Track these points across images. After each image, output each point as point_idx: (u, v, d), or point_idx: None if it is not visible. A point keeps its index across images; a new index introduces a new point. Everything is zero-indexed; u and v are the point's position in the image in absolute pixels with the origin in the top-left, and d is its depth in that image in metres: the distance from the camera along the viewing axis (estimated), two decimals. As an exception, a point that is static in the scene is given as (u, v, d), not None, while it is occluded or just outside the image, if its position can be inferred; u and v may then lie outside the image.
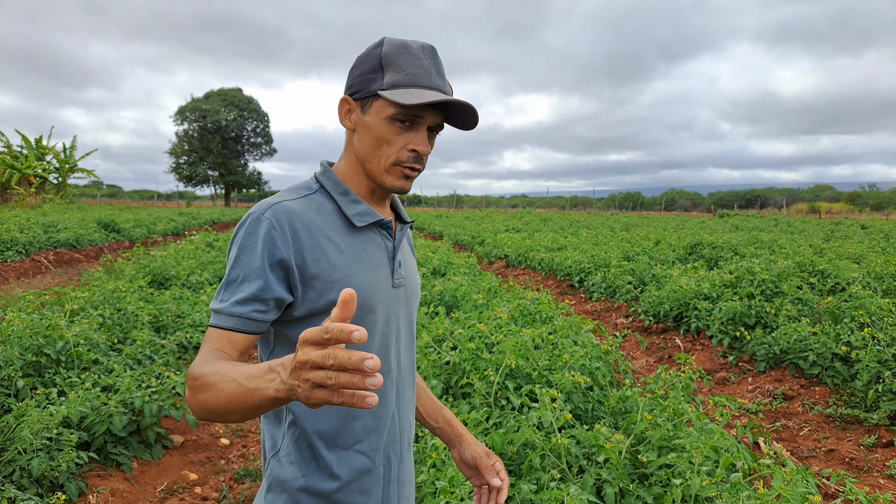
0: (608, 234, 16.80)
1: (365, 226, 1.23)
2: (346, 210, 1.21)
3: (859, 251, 10.56)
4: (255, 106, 57.68)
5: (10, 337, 4.00)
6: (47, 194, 28.48)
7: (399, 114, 1.15)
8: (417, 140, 1.17)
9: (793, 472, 2.25)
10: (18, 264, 11.45)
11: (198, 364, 1.03)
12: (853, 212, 48.03)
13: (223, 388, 0.94)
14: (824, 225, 25.16)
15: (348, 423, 1.19)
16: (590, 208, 61.78)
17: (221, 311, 1.10)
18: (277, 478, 1.20)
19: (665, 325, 6.90)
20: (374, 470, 1.23)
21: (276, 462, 1.20)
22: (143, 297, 6.18)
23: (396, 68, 1.15)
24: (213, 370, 0.99)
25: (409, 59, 1.16)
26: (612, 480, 2.50)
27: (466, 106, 1.16)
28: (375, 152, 1.19)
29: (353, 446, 1.20)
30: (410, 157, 1.18)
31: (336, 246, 1.17)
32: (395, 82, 1.15)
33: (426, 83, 1.15)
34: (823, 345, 4.99)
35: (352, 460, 1.20)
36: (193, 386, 1.00)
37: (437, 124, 1.20)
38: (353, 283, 1.16)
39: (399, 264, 1.28)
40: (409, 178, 1.21)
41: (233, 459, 3.93)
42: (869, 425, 4.18)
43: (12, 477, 2.97)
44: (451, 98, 1.13)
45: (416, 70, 1.15)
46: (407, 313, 1.31)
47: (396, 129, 1.16)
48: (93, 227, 16.39)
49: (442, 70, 1.19)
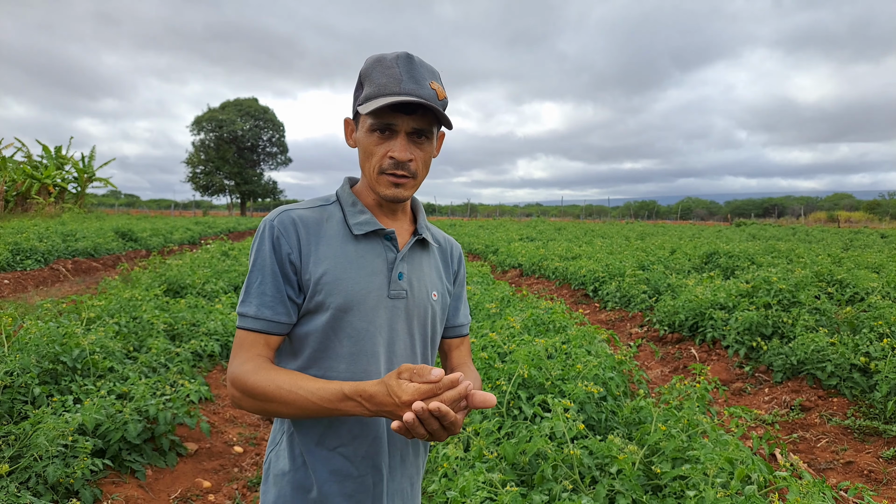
0: (623, 243, 16.71)
1: (366, 235, 1.28)
2: (350, 220, 1.29)
3: (878, 260, 10.40)
4: (270, 116, 58.22)
5: (27, 345, 4.05)
6: (66, 204, 28.87)
7: (373, 124, 1.21)
8: (395, 147, 1.22)
9: (809, 485, 2.22)
10: (38, 273, 11.61)
11: (249, 372, 1.15)
12: (872, 220, 47.38)
13: (294, 402, 1.11)
14: (843, 234, 24.85)
15: (334, 425, 1.25)
16: (604, 217, 61.52)
17: (247, 315, 1.21)
18: (272, 470, 1.29)
19: (680, 335, 6.84)
20: (357, 477, 1.26)
21: (274, 455, 1.30)
22: (158, 306, 6.23)
23: (369, 82, 1.22)
24: (274, 384, 1.12)
25: (380, 71, 1.21)
26: (625, 492, 2.47)
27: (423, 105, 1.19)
28: (366, 164, 1.26)
29: (335, 448, 1.25)
30: (391, 165, 1.23)
31: (333, 251, 1.24)
32: (367, 95, 1.22)
33: (393, 90, 1.19)
34: (841, 355, 4.92)
35: (332, 462, 1.25)
36: (253, 395, 1.14)
37: (420, 128, 1.23)
38: (343, 287, 1.22)
39: (400, 276, 1.29)
40: (399, 186, 1.25)
41: (246, 467, 3.94)
42: (888, 437, 4.10)
43: (28, 483, 3.00)
44: (402, 99, 1.16)
45: (384, 80, 1.20)
46: (407, 327, 1.32)
47: (376, 139, 1.23)
48: (110, 236, 16.58)
49: (418, 74, 1.21)
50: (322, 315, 1.22)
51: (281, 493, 1.25)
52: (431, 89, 1.22)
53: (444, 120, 1.25)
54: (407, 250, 1.32)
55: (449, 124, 1.26)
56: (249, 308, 1.20)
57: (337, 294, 1.21)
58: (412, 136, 1.23)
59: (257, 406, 1.15)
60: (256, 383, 1.13)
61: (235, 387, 1.16)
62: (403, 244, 1.33)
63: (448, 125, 1.27)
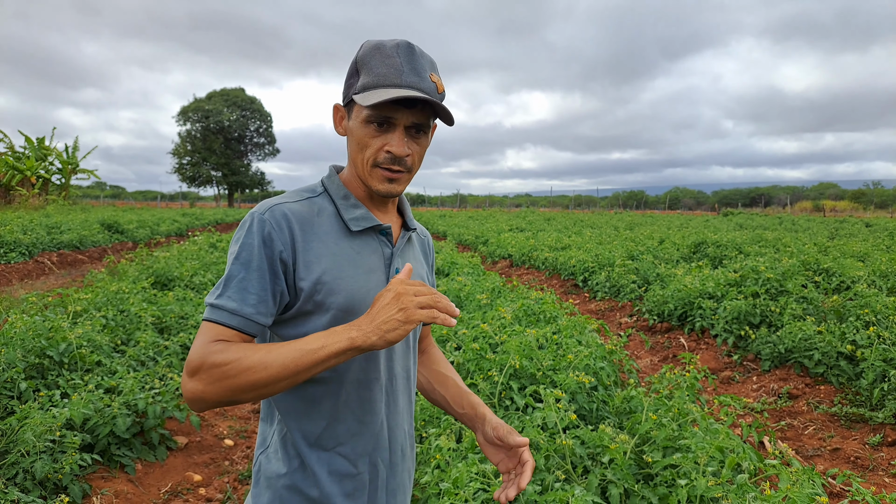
0: (612, 233, 16.77)
1: (362, 231, 1.23)
2: (344, 214, 1.22)
3: (864, 249, 10.51)
4: (257, 106, 57.76)
5: (12, 339, 4.00)
6: (51, 195, 28.54)
7: (370, 116, 1.15)
8: (393, 141, 1.16)
9: (799, 473, 2.24)
10: (22, 266, 11.48)
11: (215, 352, 1.04)
12: (857, 210, 47.88)
13: (273, 360, 1.02)
14: (828, 223, 25.08)
15: (332, 425, 1.20)
16: (593, 207, 61.74)
17: (224, 308, 1.09)
18: (264, 473, 1.22)
19: (669, 325, 6.88)
20: (357, 475, 1.22)
21: (265, 458, 1.23)
22: (146, 299, 6.18)
23: (367, 70, 1.16)
24: (245, 354, 1.03)
25: (380, 60, 1.15)
26: (617, 481, 2.49)
27: (428, 101, 1.14)
28: (359, 156, 1.20)
29: (334, 448, 1.20)
30: (387, 159, 1.17)
31: (329, 249, 1.18)
32: (365, 84, 1.15)
33: (395, 82, 1.13)
34: (828, 343, 4.97)
35: (332, 462, 1.20)
36: (224, 372, 1.02)
37: (419, 122, 1.17)
38: (343, 287, 1.17)
39: (396, 271, 1.26)
40: (394, 181, 1.20)
41: (237, 460, 3.92)
42: (874, 424, 4.15)
43: (16, 479, 2.97)
44: (407, 94, 1.10)
45: (385, 70, 1.14)
46: None
47: (372, 131, 1.16)
48: (96, 228, 16.42)
49: (419, 66, 1.16)
50: (322, 316, 1.16)
51: (276, 497, 1.19)
52: (432, 82, 1.17)
53: (446, 116, 1.19)
54: (402, 245, 1.30)
55: (451, 120, 1.20)
56: (227, 302, 1.09)
57: (337, 294, 1.16)
58: (410, 131, 1.18)
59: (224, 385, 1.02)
60: (227, 357, 1.02)
61: (198, 370, 1.03)
62: (395, 238, 1.30)
63: (450, 121, 1.21)
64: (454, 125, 1.24)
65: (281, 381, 1.02)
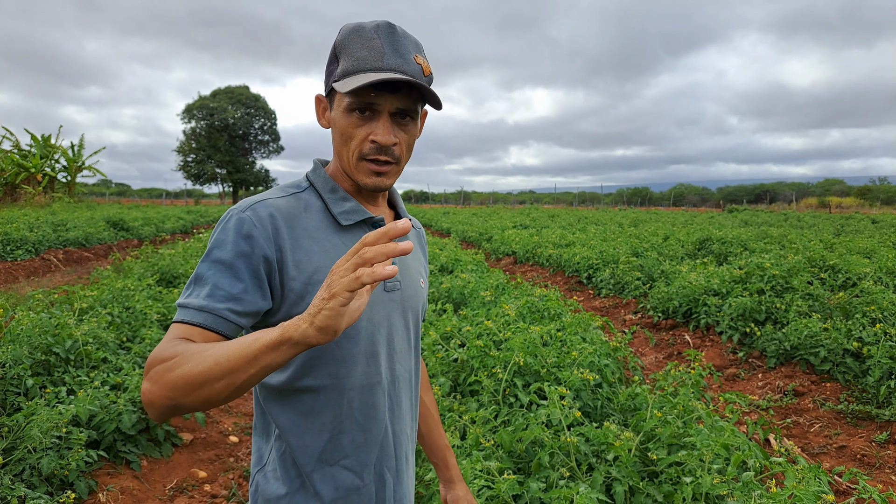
0: (616, 230, 16.73)
1: (353, 225, 1.16)
2: (333, 208, 1.15)
3: (870, 246, 10.46)
4: (262, 103, 57.81)
5: (19, 336, 4.02)
6: (56, 193, 28.63)
7: (352, 103, 1.07)
8: (378, 129, 1.08)
9: (805, 470, 2.23)
10: (28, 263, 11.52)
11: (165, 349, 0.94)
12: (863, 206, 47.64)
13: (211, 354, 0.88)
14: (834, 220, 24.98)
15: (335, 437, 1.13)
16: (597, 204, 61.63)
17: (190, 306, 1.01)
18: (262, 494, 1.14)
19: (674, 322, 6.87)
20: (363, 487, 1.15)
21: (262, 477, 1.15)
22: (151, 296, 6.20)
23: (347, 55, 1.08)
24: (191, 348, 0.92)
25: (359, 43, 1.07)
26: (622, 478, 2.48)
27: (412, 84, 1.05)
28: (344, 148, 1.12)
29: (339, 462, 1.13)
30: (372, 149, 1.09)
31: (320, 245, 1.11)
32: (344, 70, 1.07)
33: (376, 65, 1.05)
34: (834, 340, 4.95)
35: (337, 477, 1.13)
36: (167, 367, 0.90)
37: (404, 108, 1.09)
38: None
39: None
40: (382, 175, 1.12)
41: (242, 457, 3.94)
42: (881, 421, 4.14)
43: (22, 475, 2.98)
44: (388, 76, 1.02)
45: (365, 53, 1.06)
46: (403, 319, 1.22)
47: (355, 120, 1.08)
48: (102, 225, 16.46)
49: (402, 47, 1.08)
50: None
51: None
52: (417, 64, 1.08)
53: (433, 100, 1.10)
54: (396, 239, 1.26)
55: (438, 104, 1.11)
56: (194, 299, 1.01)
57: None
58: (395, 117, 1.09)
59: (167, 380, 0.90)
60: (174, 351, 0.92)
61: (149, 368, 0.94)
62: None
63: (437, 105, 1.12)
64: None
65: (216, 379, 0.87)
